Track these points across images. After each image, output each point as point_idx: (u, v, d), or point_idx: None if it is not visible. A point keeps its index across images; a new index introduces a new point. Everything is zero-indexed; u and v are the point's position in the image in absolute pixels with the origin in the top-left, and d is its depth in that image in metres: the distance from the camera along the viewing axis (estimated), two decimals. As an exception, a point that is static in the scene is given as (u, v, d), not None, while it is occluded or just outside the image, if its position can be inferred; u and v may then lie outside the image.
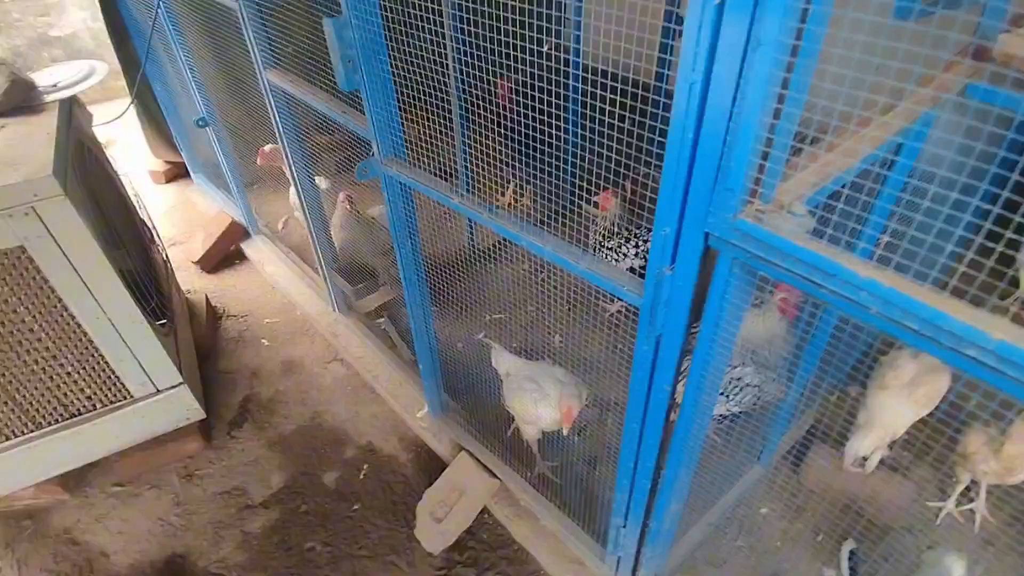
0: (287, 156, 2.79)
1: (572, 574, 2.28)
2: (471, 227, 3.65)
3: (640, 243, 3.09)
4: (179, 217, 4.67)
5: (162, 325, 2.70)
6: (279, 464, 2.82)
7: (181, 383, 2.67)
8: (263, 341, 3.48)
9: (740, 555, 2.35)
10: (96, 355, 2.42)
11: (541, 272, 3.56)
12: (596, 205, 3.16)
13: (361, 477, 2.75)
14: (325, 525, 2.57)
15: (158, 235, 3.27)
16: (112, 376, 2.51)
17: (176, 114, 4.26)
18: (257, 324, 3.60)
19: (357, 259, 3.46)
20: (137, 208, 3.11)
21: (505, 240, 2.36)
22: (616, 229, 3.13)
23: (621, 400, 2.80)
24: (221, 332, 3.55)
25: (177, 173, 5.03)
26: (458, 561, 2.42)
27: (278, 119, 2.64)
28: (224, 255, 4.10)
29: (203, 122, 3.59)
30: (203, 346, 3.34)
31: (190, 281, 3.94)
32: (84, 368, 2.43)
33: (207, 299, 3.60)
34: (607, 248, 3.18)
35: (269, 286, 3.88)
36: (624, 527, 1.86)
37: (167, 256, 3.33)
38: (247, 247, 4.11)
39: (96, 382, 2.49)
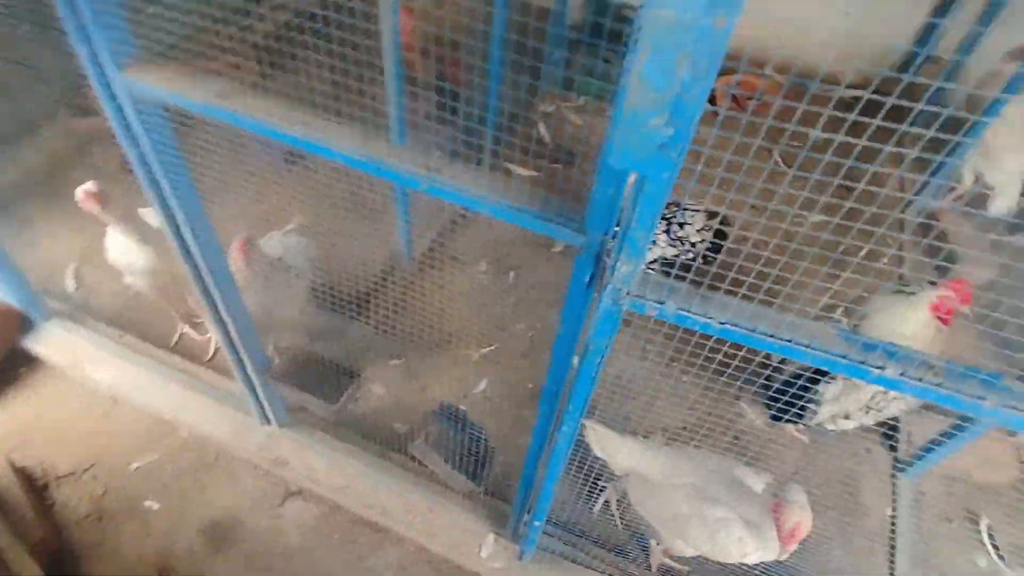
0: (164, 205, 1.42)
1: None
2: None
3: (674, 223, 2.38)
4: None
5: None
6: None
7: None
8: (147, 504, 2.14)
9: None
10: None
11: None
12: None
13: None
14: None
15: None
16: None
17: None
18: (120, 477, 2.20)
19: (294, 334, 2.29)
20: None
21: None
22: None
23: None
24: (61, 512, 2.11)
25: None
26: None
27: (149, 147, 1.26)
28: (-6, 368, 2.44)
29: None
30: (45, 554, 1.94)
31: (-53, 434, 2.28)
32: None
33: (11, 464, 2.08)
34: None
35: (107, 400, 2.39)
36: None
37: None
38: (35, 342, 2.47)
39: None
